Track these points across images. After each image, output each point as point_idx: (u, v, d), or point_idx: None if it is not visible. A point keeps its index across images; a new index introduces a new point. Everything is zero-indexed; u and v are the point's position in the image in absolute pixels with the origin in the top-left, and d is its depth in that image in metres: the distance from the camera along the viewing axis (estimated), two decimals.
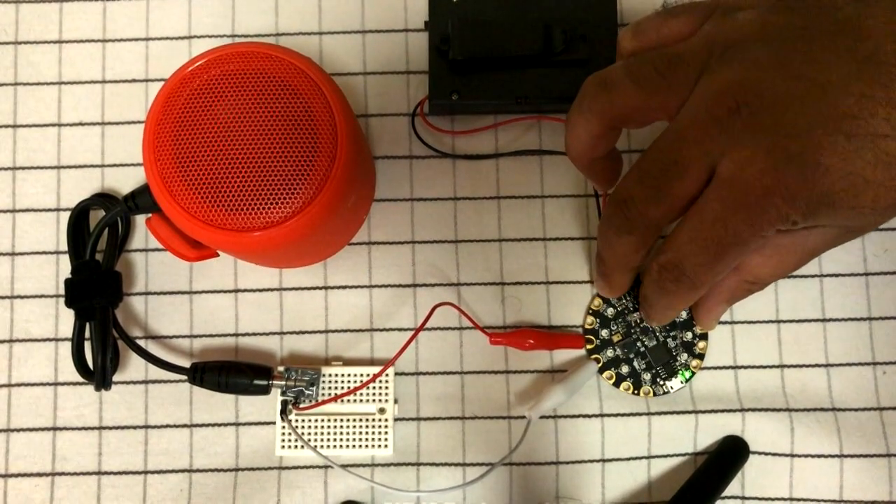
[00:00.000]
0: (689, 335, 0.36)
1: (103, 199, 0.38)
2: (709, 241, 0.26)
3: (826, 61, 0.24)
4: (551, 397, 0.35)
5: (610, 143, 0.31)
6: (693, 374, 0.36)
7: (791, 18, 0.25)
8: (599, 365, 0.36)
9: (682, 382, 0.36)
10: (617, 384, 0.36)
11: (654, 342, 0.36)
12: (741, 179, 0.25)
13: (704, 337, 0.36)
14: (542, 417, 0.37)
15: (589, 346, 0.37)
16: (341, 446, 0.36)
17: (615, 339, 0.36)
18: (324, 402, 0.36)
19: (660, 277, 0.29)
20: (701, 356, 0.36)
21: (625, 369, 0.36)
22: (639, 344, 0.36)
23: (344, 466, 0.35)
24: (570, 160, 0.31)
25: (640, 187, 0.28)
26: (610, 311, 0.37)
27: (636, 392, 0.36)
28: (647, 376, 0.36)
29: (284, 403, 0.36)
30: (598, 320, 0.37)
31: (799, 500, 0.36)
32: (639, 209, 0.28)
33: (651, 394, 0.36)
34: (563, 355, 0.37)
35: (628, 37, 0.30)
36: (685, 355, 0.36)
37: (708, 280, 0.28)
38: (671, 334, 0.36)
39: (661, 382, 0.36)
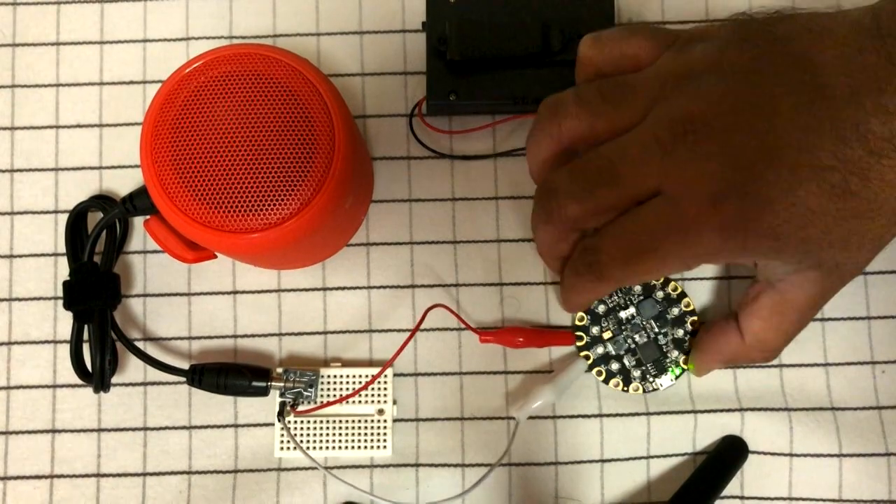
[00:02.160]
0: (680, 332, 0.36)
1: (101, 201, 0.38)
2: (632, 244, 0.27)
3: (775, 94, 0.24)
4: (539, 397, 0.35)
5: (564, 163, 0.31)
6: (683, 370, 0.36)
7: (743, 51, 0.26)
8: (589, 362, 0.36)
9: (671, 380, 0.36)
10: (606, 381, 0.36)
11: (645, 339, 0.36)
12: (681, 203, 0.25)
13: (695, 334, 0.36)
14: (540, 418, 0.37)
15: (579, 343, 0.36)
16: (340, 447, 0.36)
17: (605, 336, 0.36)
18: (320, 407, 0.36)
19: (577, 257, 0.29)
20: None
21: (615, 366, 0.36)
22: (629, 341, 0.36)
23: (330, 468, 0.35)
24: (531, 177, 0.32)
25: (567, 182, 0.28)
26: (601, 308, 0.36)
27: (625, 389, 0.36)
28: (636, 373, 0.36)
29: (282, 405, 0.36)
30: (588, 317, 0.36)
31: (798, 499, 0.36)
32: (560, 202, 0.28)
33: (640, 390, 0.36)
34: (560, 356, 0.37)
35: (588, 44, 0.30)
36: (675, 352, 0.36)
37: (614, 277, 0.28)
38: (662, 331, 0.36)
39: (651, 380, 0.36)
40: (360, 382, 0.36)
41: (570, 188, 0.28)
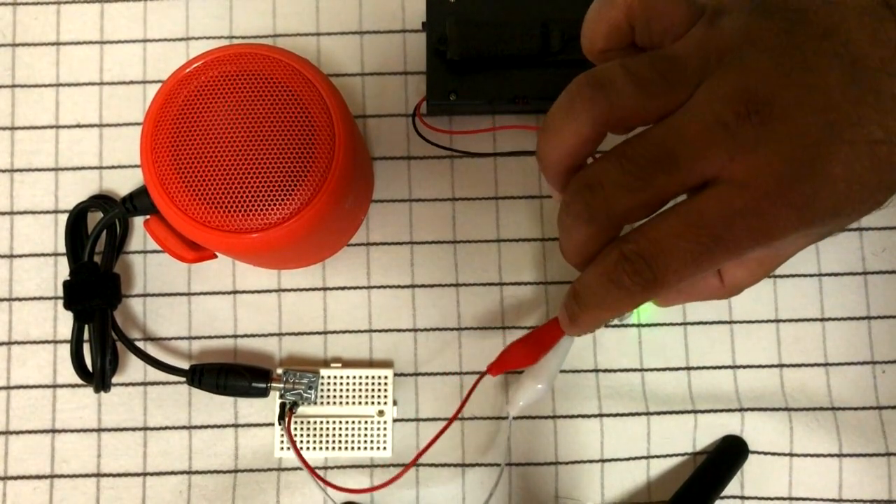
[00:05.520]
0: None
1: (101, 200, 0.38)
2: (703, 237, 0.25)
3: (820, 67, 0.24)
4: (526, 391, 0.33)
5: (593, 151, 0.29)
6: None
7: (772, 22, 0.25)
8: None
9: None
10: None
11: None
12: (756, 186, 0.24)
13: None
14: (540, 417, 0.37)
15: None
16: (340, 448, 0.36)
17: None
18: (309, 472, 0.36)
19: (617, 268, 0.26)
20: None
21: None
22: None
23: (329, 468, 0.35)
24: (543, 169, 0.29)
25: (617, 171, 0.25)
26: None
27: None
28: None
29: (282, 407, 0.36)
30: None
31: (798, 499, 0.36)
32: (606, 194, 0.26)
33: (603, 325, 0.33)
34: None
35: None
36: None
37: (674, 284, 0.26)
38: None
39: (618, 319, 0.35)
40: (361, 383, 0.36)
41: (622, 178, 0.25)
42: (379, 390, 0.36)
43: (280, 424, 0.35)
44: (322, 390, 0.36)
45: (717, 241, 0.25)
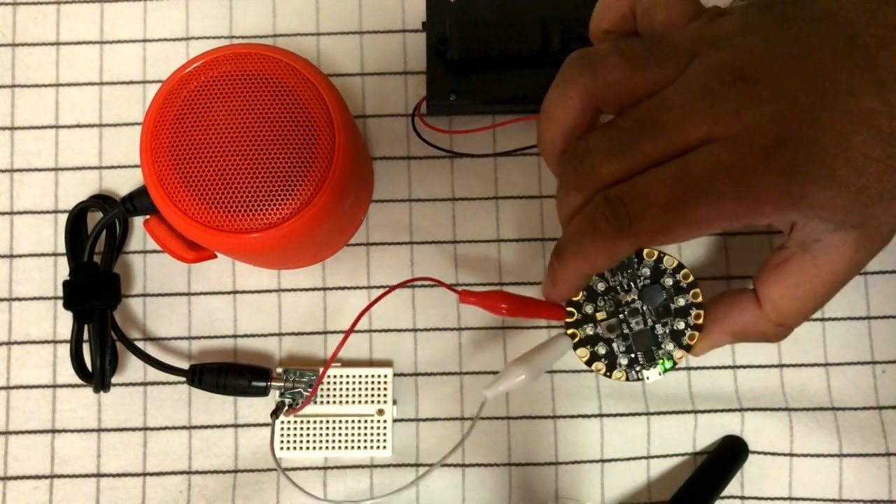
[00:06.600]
0: (682, 324, 0.32)
1: (101, 200, 0.38)
2: (683, 186, 0.25)
3: (813, 43, 0.25)
4: (509, 375, 0.31)
5: (585, 130, 0.29)
6: (674, 364, 0.32)
7: (768, 12, 0.26)
8: (575, 340, 0.32)
9: (659, 373, 0.32)
10: (589, 363, 0.32)
11: (642, 326, 0.32)
12: (743, 142, 0.24)
13: (698, 328, 0.32)
14: (540, 418, 0.37)
15: (568, 319, 0.32)
16: (340, 447, 0.36)
17: (599, 316, 0.32)
18: (303, 405, 0.36)
19: (596, 211, 0.26)
20: (688, 348, 0.32)
21: (602, 349, 0.32)
22: (624, 326, 0.32)
23: (329, 468, 0.35)
24: (541, 152, 0.29)
25: (604, 139, 0.26)
26: (600, 286, 0.32)
27: (608, 374, 0.32)
28: (623, 360, 0.32)
29: (279, 405, 0.36)
30: (584, 293, 0.32)
31: (798, 499, 0.36)
32: (594, 162, 0.26)
33: (624, 378, 0.32)
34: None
35: None
36: (671, 345, 0.32)
37: (648, 230, 0.25)
38: (662, 320, 0.32)
39: (638, 369, 0.32)
40: (360, 382, 0.36)
41: (609, 145, 0.26)
42: (379, 390, 0.36)
43: (272, 419, 0.35)
44: (322, 390, 0.36)
45: (698, 192, 0.25)
